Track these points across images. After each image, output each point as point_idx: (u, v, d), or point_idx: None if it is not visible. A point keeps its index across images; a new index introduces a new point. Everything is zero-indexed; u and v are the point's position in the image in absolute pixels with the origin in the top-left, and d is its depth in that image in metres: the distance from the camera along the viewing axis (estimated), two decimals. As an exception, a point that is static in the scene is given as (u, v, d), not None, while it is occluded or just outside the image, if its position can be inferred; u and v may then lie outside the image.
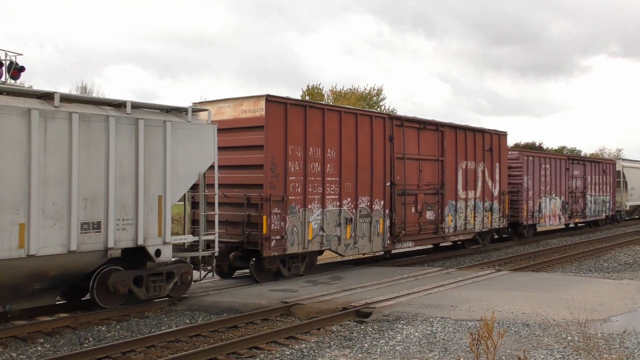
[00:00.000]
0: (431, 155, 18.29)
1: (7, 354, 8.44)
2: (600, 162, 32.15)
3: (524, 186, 23.94)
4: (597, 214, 31.05)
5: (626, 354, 7.86)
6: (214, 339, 9.31)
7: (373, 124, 16.04)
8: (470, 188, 19.87)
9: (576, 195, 28.46)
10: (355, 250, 15.57)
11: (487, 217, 20.73)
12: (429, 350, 8.40)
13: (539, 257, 20.17)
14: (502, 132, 21.93)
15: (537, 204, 24.87)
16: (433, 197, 18.32)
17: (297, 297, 11.71)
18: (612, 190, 32.83)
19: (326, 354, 8.31)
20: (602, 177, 31.48)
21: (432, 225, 18.26)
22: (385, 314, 10.38)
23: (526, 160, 24.36)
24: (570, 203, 27.78)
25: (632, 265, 18.94)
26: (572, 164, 28.37)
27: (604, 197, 31.84)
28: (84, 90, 43.90)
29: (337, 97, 47.07)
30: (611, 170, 33.02)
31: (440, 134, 18.66)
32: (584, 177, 29.44)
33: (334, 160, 14.81)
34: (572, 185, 27.94)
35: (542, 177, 25.28)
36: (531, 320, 9.88)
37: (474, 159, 20.14)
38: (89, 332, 9.73)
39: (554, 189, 26.36)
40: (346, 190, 15.09)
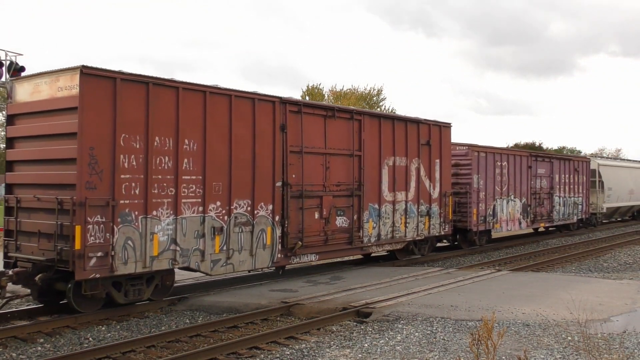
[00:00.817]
0: (344, 149, 14.94)
1: (7, 354, 8.44)
2: (571, 160, 28.44)
3: (473, 187, 20.57)
4: (567, 217, 27.60)
5: (626, 354, 7.86)
6: (214, 339, 9.31)
7: (257, 110, 12.70)
8: (401, 189, 16.72)
9: (541, 197, 25.05)
10: (228, 267, 12.17)
11: (423, 222, 17.62)
12: (429, 350, 8.40)
13: (539, 257, 20.16)
14: (445, 123, 18.74)
15: (490, 207, 21.52)
16: (346, 199, 14.98)
17: (297, 297, 11.72)
18: (585, 191, 29.43)
19: (326, 354, 8.32)
20: (573, 177, 28.04)
21: (344, 234, 14.94)
22: (385, 314, 10.38)
23: (476, 156, 20.91)
24: (533, 205, 24.46)
25: (632, 265, 18.94)
26: (536, 161, 24.83)
27: (576, 199, 28.36)
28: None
29: (337, 97, 47.07)
30: (585, 169, 29.53)
31: (356, 123, 15.32)
32: (551, 176, 25.99)
33: (195, 154, 11.55)
34: (535, 185, 24.63)
35: (497, 176, 21.98)
36: (531, 320, 9.88)
37: (405, 155, 16.89)
38: (89, 332, 9.73)
39: (513, 189, 23.02)
40: (214, 192, 11.85)
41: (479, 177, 20.92)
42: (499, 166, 22.11)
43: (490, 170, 21.58)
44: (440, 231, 18.50)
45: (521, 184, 23.63)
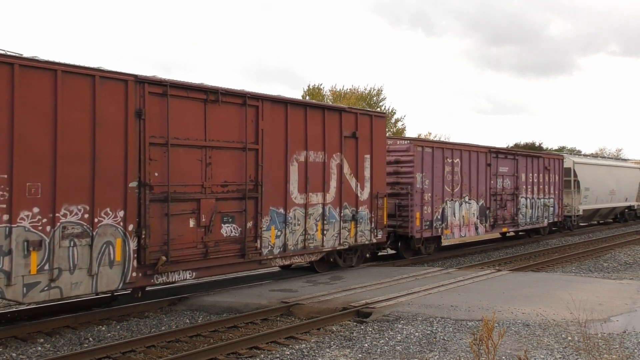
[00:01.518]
0: (234, 141, 12.22)
1: (7, 354, 8.44)
2: (540, 157, 25.30)
3: (416, 187, 17.88)
4: (536, 220, 24.78)
5: (626, 354, 7.87)
6: (214, 339, 9.32)
7: (99, 90, 9.99)
8: (316, 189, 14.04)
9: (503, 198, 22.17)
10: (54, 291, 9.36)
11: (348, 229, 14.88)
12: (429, 350, 8.41)
13: (539, 257, 20.17)
14: (377, 112, 16.47)
15: (438, 210, 18.77)
16: (237, 203, 12.27)
17: (297, 297, 11.72)
18: (558, 192, 26.68)
19: (326, 354, 8.32)
20: (544, 176, 25.30)
21: (234, 246, 12.19)
22: (385, 314, 10.38)
23: (420, 152, 18.18)
24: (493, 208, 21.55)
25: (632, 265, 18.95)
26: (497, 158, 21.86)
27: (547, 200, 25.60)
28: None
29: (337, 97, 47.06)
30: (558, 168, 26.70)
31: (251, 110, 12.56)
32: (516, 175, 23.11)
33: None
34: (496, 185, 21.81)
35: (447, 174, 19.18)
36: (531, 320, 9.88)
37: (322, 149, 14.20)
38: (89, 332, 9.74)
39: (468, 190, 20.14)
40: (28, 195, 9.14)
41: (424, 176, 18.19)
42: (449, 163, 19.23)
43: (438, 168, 18.78)
44: (370, 238, 15.64)
45: (478, 183, 20.70)
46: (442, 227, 19.06)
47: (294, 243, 13.57)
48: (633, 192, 36.62)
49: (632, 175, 36.70)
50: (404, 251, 18.60)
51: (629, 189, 35.74)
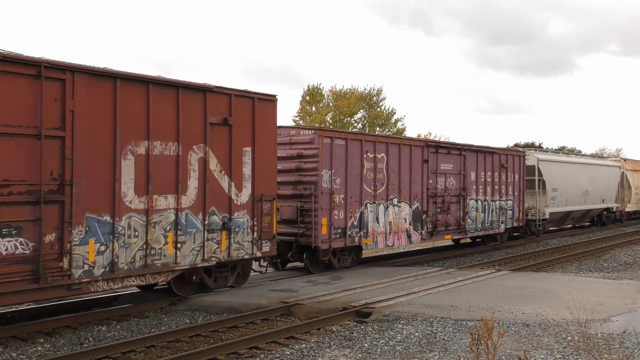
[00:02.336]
0: (19, 125, 9.13)
1: (7, 354, 8.45)
2: (495, 154, 21.83)
3: (322, 186, 14.63)
4: (489, 226, 21.41)
5: (626, 354, 7.87)
6: (214, 339, 9.32)
7: None
8: (165, 190, 11.04)
9: (445, 201, 18.92)
10: None
11: (216, 241, 11.81)
12: (429, 350, 8.41)
13: (539, 257, 20.17)
14: (262, 94, 12.78)
15: (355, 214, 15.62)
16: (26, 209, 9.16)
17: (297, 297, 11.72)
18: (518, 193, 23.36)
19: (326, 354, 8.32)
20: (500, 175, 21.96)
21: (22, 267, 9.07)
22: (385, 314, 10.39)
23: (329, 145, 14.84)
24: (432, 212, 18.41)
25: (632, 265, 18.96)
26: (436, 153, 18.65)
27: (504, 202, 22.21)
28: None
29: (337, 97, 47.07)
30: (518, 165, 23.38)
31: (54, 85, 9.54)
32: (463, 173, 19.86)
33: None
34: (436, 185, 18.62)
35: (368, 172, 15.98)
36: (531, 320, 9.89)
37: (175, 139, 11.21)
38: (89, 332, 9.74)
39: (397, 190, 17.02)
40: None
41: (334, 174, 14.95)
42: (370, 159, 16.03)
43: (355, 164, 15.60)
44: (253, 252, 12.54)
45: (412, 183, 17.55)
46: (360, 236, 15.79)
47: (128, 260, 10.42)
48: (611, 193, 32.68)
49: (610, 174, 32.73)
50: (311, 265, 15.12)
51: (606, 189, 31.93)
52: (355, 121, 46.26)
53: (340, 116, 45.19)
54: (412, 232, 17.74)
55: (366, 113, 47.51)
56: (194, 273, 11.81)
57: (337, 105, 46.01)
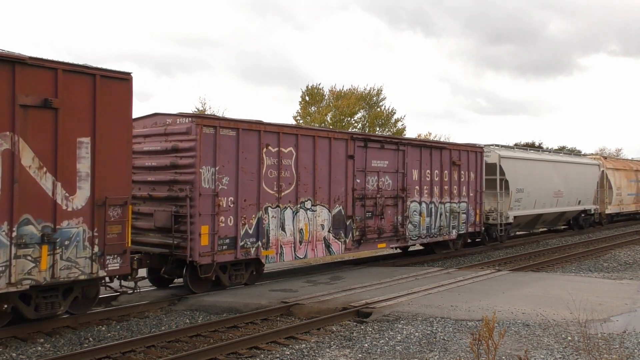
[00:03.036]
0: None
1: (7, 354, 8.45)
2: (445, 149, 18.99)
3: (200, 187, 11.92)
4: (437, 232, 18.59)
5: (626, 354, 7.87)
6: (214, 339, 9.32)
7: None
8: None
9: (379, 204, 16.19)
10: None
11: (33, 258, 8.97)
12: (429, 350, 8.41)
13: (539, 257, 20.16)
14: (106, 71, 9.96)
15: (251, 220, 12.85)
16: None
17: (297, 297, 11.72)
18: (475, 194, 20.26)
19: (326, 354, 8.32)
20: (451, 173, 19.11)
21: None
22: (385, 314, 10.39)
23: (212, 136, 12.15)
24: (361, 217, 15.64)
25: (632, 265, 18.95)
26: (364, 148, 15.78)
27: (456, 205, 19.29)
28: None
29: (337, 97, 47.07)
30: (475, 163, 20.32)
31: None
32: (402, 171, 17.10)
33: None
34: (366, 185, 15.79)
35: (269, 170, 13.20)
36: (531, 320, 9.89)
37: None
38: (89, 332, 9.74)
39: (311, 192, 14.16)
40: None
41: (218, 172, 12.18)
42: (273, 154, 13.30)
43: (250, 159, 12.77)
44: (93, 270, 9.69)
45: (332, 183, 14.70)
46: (258, 247, 12.96)
47: None
48: (589, 194, 29.59)
49: (588, 173, 29.47)
50: (193, 282, 12.30)
51: (583, 190, 28.83)
52: (355, 121, 46.27)
53: (340, 116, 45.19)
54: (333, 240, 14.77)
55: (366, 113, 47.52)
56: (7, 300, 9.01)
57: (337, 105, 46.01)
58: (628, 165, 36.49)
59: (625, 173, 34.55)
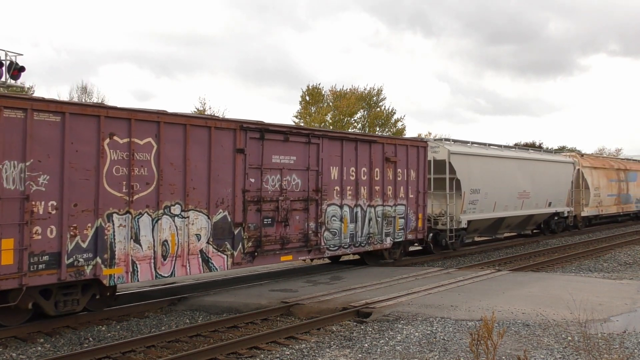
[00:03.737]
0: None
1: (7, 354, 8.45)
2: (375, 143, 15.98)
3: (1, 187, 9.20)
4: (364, 240, 15.55)
5: (626, 354, 7.87)
6: (214, 339, 9.32)
7: None
8: None
9: (281, 208, 13.30)
10: None
11: None
12: (429, 350, 8.41)
13: (539, 257, 20.16)
14: None
15: (86, 231, 10.09)
16: None
17: (297, 297, 11.73)
18: (417, 195, 17.40)
19: (326, 354, 8.32)
20: (384, 171, 16.13)
21: None
22: (385, 314, 10.39)
23: (19, 122, 9.36)
24: (255, 224, 12.78)
25: (632, 265, 18.95)
26: (261, 140, 12.93)
27: (390, 208, 16.37)
28: (84, 90, 43.80)
29: (337, 97, 47.09)
30: (417, 159, 17.38)
31: None
32: (316, 169, 14.13)
33: None
34: (263, 185, 12.95)
35: (116, 166, 10.53)
36: (531, 320, 9.89)
37: None
38: (89, 332, 9.74)
39: (180, 193, 11.47)
40: None
41: (29, 168, 9.45)
42: (122, 146, 10.59)
43: (82, 153, 10.06)
44: None
45: (212, 182, 11.96)
46: (97, 264, 10.15)
47: None
48: (561, 195, 26.70)
49: (560, 172, 26.64)
50: (4, 318, 9.58)
51: (555, 190, 26.00)
52: (355, 121, 46.32)
53: (340, 116, 45.23)
54: (214, 254, 12.00)
55: (366, 113, 47.55)
56: None
57: (337, 106, 46.04)
58: (608, 163, 33.40)
59: (605, 172, 31.64)
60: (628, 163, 36.46)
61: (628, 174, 34.83)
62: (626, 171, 34.62)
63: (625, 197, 34.20)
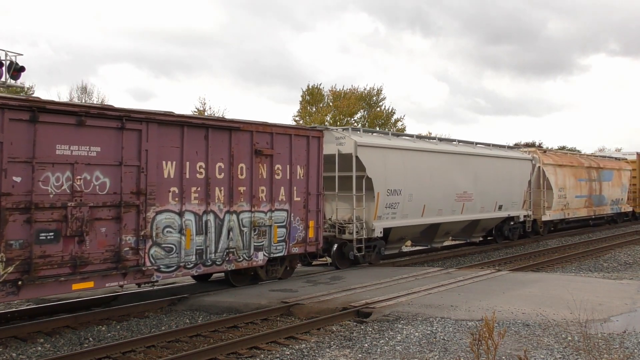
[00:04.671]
0: None
1: (7, 354, 8.45)
2: (239, 130, 12.50)
3: None
4: (221, 257, 12.05)
5: (626, 354, 7.87)
6: (214, 339, 9.32)
7: None
8: None
9: (74, 216, 9.70)
10: None
11: None
12: (429, 350, 8.41)
13: (539, 257, 20.17)
14: None
15: None
16: None
17: (297, 297, 11.72)
18: (306, 198, 13.88)
19: (326, 354, 8.32)
20: (253, 167, 12.71)
21: None
22: (385, 314, 10.39)
23: None
24: (23, 241, 9.10)
25: (632, 265, 18.97)
26: (33, 122, 9.30)
27: (263, 215, 12.91)
28: (84, 90, 43.87)
29: (337, 97, 47.10)
30: (307, 153, 13.91)
31: None
32: (134, 164, 10.65)
33: None
34: (40, 185, 9.42)
35: None
36: (531, 320, 9.89)
37: None
38: (89, 332, 9.74)
39: None
40: None
41: None
42: None
43: None
44: None
45: None
46: None
47: None
48: (515, 197, 22.85)
49: (514, 170, 22.75)
50: None
51: (507, 191, 22.13)
52: (355, 121, 46.30)
53: (340, 116, 45.23)
54: None
55: (366, 113, 47.55)
56: None
57: (337, 105, 46.06)
58: (577, 160, 29.18)
59: (572, 170, 27.72)
60: (602, 161, 31.97)
61: (602, 172, 30.67)
62: (599, 169, 30.45)
63: (597, 198, 30.22)
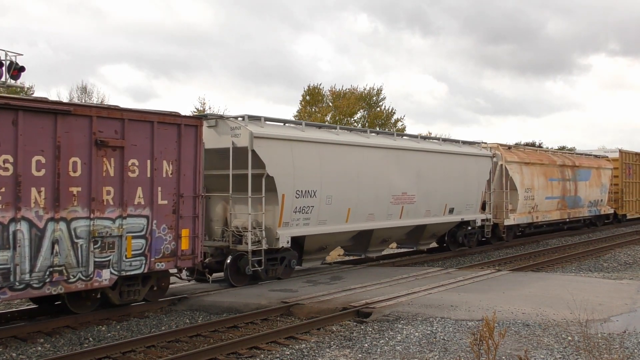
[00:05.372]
0: None
1: (7, 354, 8.45)
2: (67, 115, 9.58)
3: None
4: (39, 278, 9.07)
5: (626, 354, 7.87)
6: (214, 339, 9.32)
7: None
8: None
9: None
10: None
11: None
12: (429, 350, 8.41)
13: (539, 257, 20.16)
14: None
15: None
16: None
17: (297, 297, 11.72)
18: (177, 202, 11.27)
19: (326, 354, 8.32)
20: (92, 162, 9.95)
21: None
22: (385, 314, 10.39)
23: None
24: None
25: (632, 265, 18.96)
26: None
27: (110, 223, 10.16)
28: (84, 90, 43.88)
29: (337, 97, 47.10)
30: (177, 145, 11.30)
31: None
32: None
33: None
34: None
35: None
36: (531, 320, 9.88)
37: None
38: (89, 332, 9.74)
39: None
40: None
41: None
42: None
43: None
44: None
45: None
46: None
47: None
48: (471, 198, 19.83)
49: (470, 169, 19.73)
50: None
51: (461, 192, 19.24)
52: (355, 121, 46.31)
53: (340, 116, 45.22)
54: None
55: (366, 113, 47.55)
56: None
57: (336, 106, 46.06)
58: (548, 158, 25.93)
59: (542, 169, 24.62)
60: (579, 158, 28.58)
61: (577, 171, 27.37)
62: (574, 168, 27.16)
63: (572, 199, 26.94)
